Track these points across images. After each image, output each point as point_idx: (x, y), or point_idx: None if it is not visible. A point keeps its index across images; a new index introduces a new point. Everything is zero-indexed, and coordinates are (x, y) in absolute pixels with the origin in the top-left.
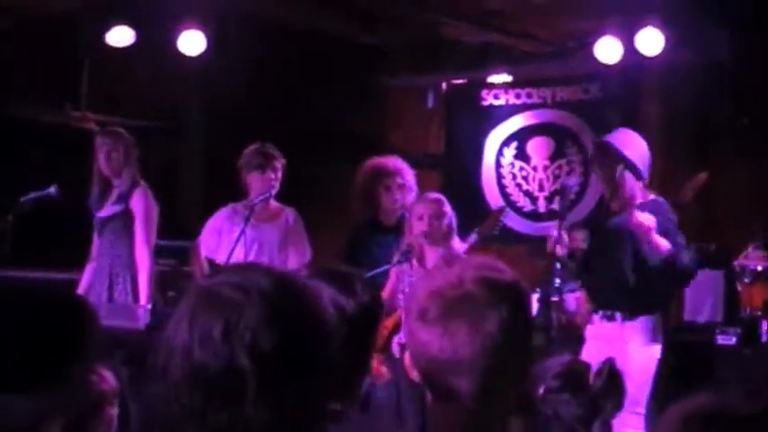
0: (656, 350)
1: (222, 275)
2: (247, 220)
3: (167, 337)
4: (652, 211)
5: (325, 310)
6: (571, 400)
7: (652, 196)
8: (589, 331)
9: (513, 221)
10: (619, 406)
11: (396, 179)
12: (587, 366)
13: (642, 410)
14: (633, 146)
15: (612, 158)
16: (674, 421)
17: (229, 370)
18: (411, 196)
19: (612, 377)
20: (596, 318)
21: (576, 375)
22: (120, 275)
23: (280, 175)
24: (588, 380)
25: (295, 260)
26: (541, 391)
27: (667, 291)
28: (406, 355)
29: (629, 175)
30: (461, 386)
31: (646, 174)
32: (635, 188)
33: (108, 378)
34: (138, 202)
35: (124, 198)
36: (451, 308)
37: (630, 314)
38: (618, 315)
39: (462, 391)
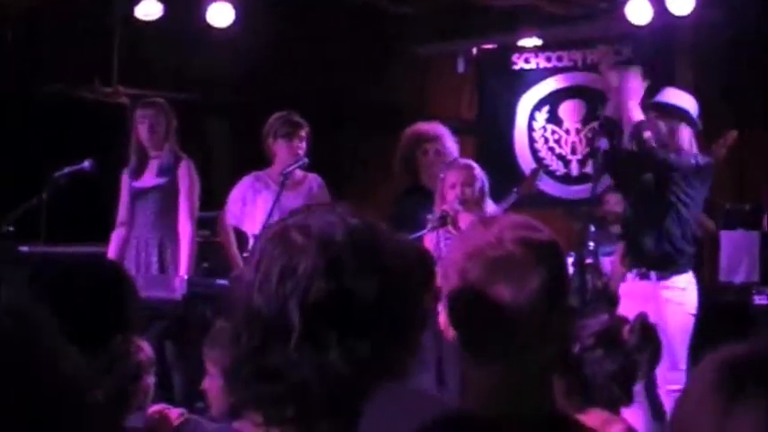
0: (692, 306)
1: (298, 216)
2: (282, 186)
3: (237, 277)
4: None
5: (399, 265)
6: (605, 357)
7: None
8: (623, 289)
9: (547, 185)
10: (655, 359)
11: (434, 145)
12: (622, 323)
13: (683, 366)
14: (685, 99)
15: (673, 116)
16: (709, 367)
17: (280, 315)
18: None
19: (645, 331)
20: (630, 276)
21: (610, 333)
22: (168, 247)
23: (305, 144)
24: (623, 336)
25: None
26: (577, 349)
27: (698, 248)
28: (442, 316)
29: (686, 131)
30: (506, 348)
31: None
32: (692, 142)
33: (145, 348)
34: (184, 175)
35: (169, 170)
36: (493, 268)
37: (665, 272)
38: (653, 273)
39: (506, 353)
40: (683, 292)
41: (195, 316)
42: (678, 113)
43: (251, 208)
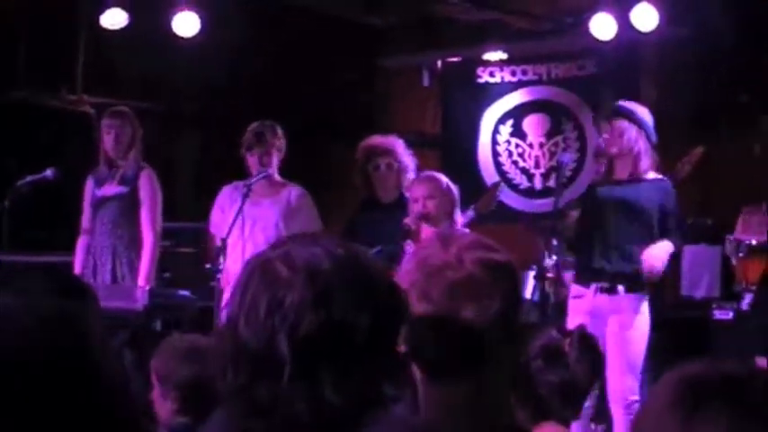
0: (647, 317)
1: (283, 247)
2: (245, 197)
3: (223, 310)
4: (656, 190)
5: (387, 294)
6: (545, 368)
7: (659, 175)
8: (575, 305)
9: (510, 198)
10: (595, 371)
11: (385, 159)
12: (566, 336)
13: (639, 374)
14: (645, 114)
15: (634, 122)
16: (667, 384)
17: (269, 349)
18: (407, 175)
19: (584, 342)
20: (588, 291)
21: (551, 345)
22: (124, 256)
23: (275, 156)
24: (563, 349)
25: None
26: (525, 363)
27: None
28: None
29: (645, 144)
30: (464, 366)
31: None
32: (649, 158)
33: None
34: (145, 185)
35: (130, 180)
36: (455, 290)
37: (632, 286)
38: (620, 287)
39: (464, 371)
40: (644, 303)
41: (155, 326)
42: (638, 122)
43: (229, 216)
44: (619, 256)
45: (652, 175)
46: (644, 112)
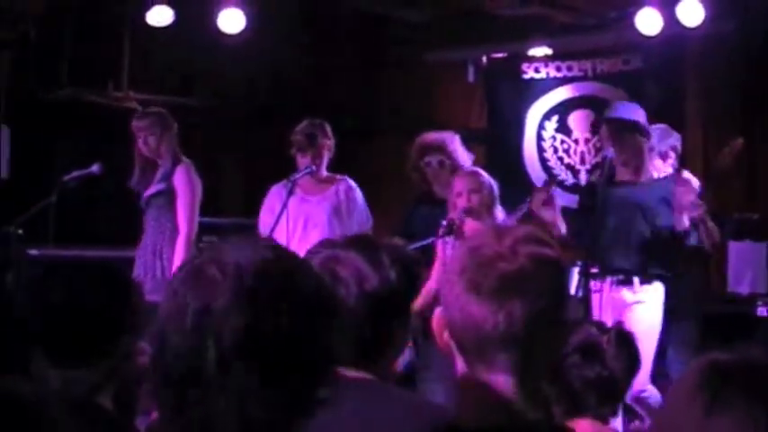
0: (660, 310)
1: (213, 251)
2: (290, 193)
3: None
4: (660, 189)
5: (317, 295)
6: (582, 364)
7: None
8: (598, 298)
9: (556, 195)
10: (632, 368)
11: (436, 156)
12: (604, 333)
13: (649, 371)
14: (639, 113)
15: (638, 132)
16: (692, 372)
17: (197, 356)
18: (458, 170)
19: (621, 339)
20: (605, 284)
21: (589, 341)
22: (165, 251)
23: (325, 156)
24: (601, 345)
25: (352, 233)
26: (562, 358)
27: (676, 256)
28: (436, 320)
29: (647, 147)
30: (509, 359)
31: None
32: (650, 161)
33: (147, 351)
34: (180, 179)
35: (167, 176)
36: (508, 283)
37: (647, 278)
38: (635, 278)
39: (508, 364)
40: (659, 296)
41: None
42: (633, 126)
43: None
44: (628, 252)
45: (655, 174)
46: (640, 114)
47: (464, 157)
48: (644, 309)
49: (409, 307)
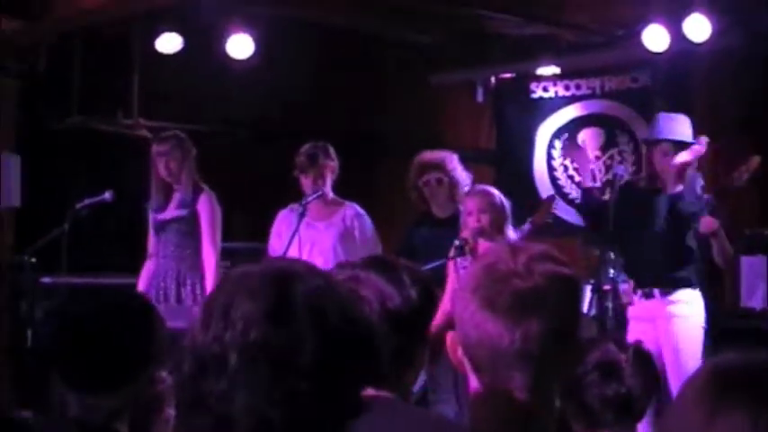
0: (700, 319)
1: (256, 264)
2: (301, 216)
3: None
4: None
5: (343, 319)
6: (601, 382)
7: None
8: (631, 312)
9: (566, 213)
10: (651, 386)
11: (435, 174)
12: (623, 350)
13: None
14: (681, 127)
15: (677, 148)
16: (697, 376)
17: (220, 357)
18: (460, 190)
19: (640, 358)
20: (636, 298)
21: (608, 358)
22: (188, 278)
23: (328, 177)
24: (620, 363)
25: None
26: (580, 376)
27: (701, 265)
28: (449, 339)
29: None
30: (524, 376)
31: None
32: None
33: (165, 379)
34: (204, 207)
35: (189, 203)
36: (523, 301)
37: (668, 289)
38: (656, 291)
39: (522, 382)
40: (689, 306)
41: None
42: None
43: (286, 240)
44: (669, 261)
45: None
46: (680, 126)
47: (463, 175)
48: (686, 322)
49: (428, 326)
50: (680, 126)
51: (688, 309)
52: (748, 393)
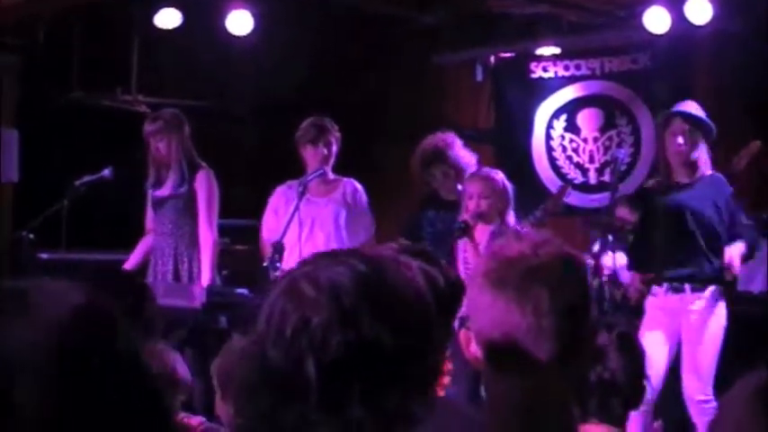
0: (723, 317)
1: (307, 267)
2: (301, 195)
3: (249, 331)
4: (709, 186)
5: (415, 302)
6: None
7: (709, 171)
8: (651, 303)
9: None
10: (637, 372)
11: (439, 168)
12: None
13: (712, 377)
14: (701, 111)
15: (703, 130)
16: (741, 397)
17: (297, 371)
18: (465, 174)
19: (622, 342)
20: (660, 290)
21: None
22: (186, 255)
23: (334, 148)
24: (604, 347)
25: (357, 235)
26: None
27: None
28: (463, 333)
29: (704, 146)
30: (540, 355)
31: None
32: (708, 157)
33: (182, 369)
34: (202, 185)
35: (186, 180)
36: (532, 275)
37: (699, 285)
38: (686, 286)
39: (540, 361)
40: (715, 303)
41: (219, 324)
42: (702, 126)
43: (285, 218)
44: (691, 260)
45: (708, 171)
46: (699, 109)
47: (467, 158)
48: (703, 318)
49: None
50: (691, 107)
51: (717, 307)
52: None
